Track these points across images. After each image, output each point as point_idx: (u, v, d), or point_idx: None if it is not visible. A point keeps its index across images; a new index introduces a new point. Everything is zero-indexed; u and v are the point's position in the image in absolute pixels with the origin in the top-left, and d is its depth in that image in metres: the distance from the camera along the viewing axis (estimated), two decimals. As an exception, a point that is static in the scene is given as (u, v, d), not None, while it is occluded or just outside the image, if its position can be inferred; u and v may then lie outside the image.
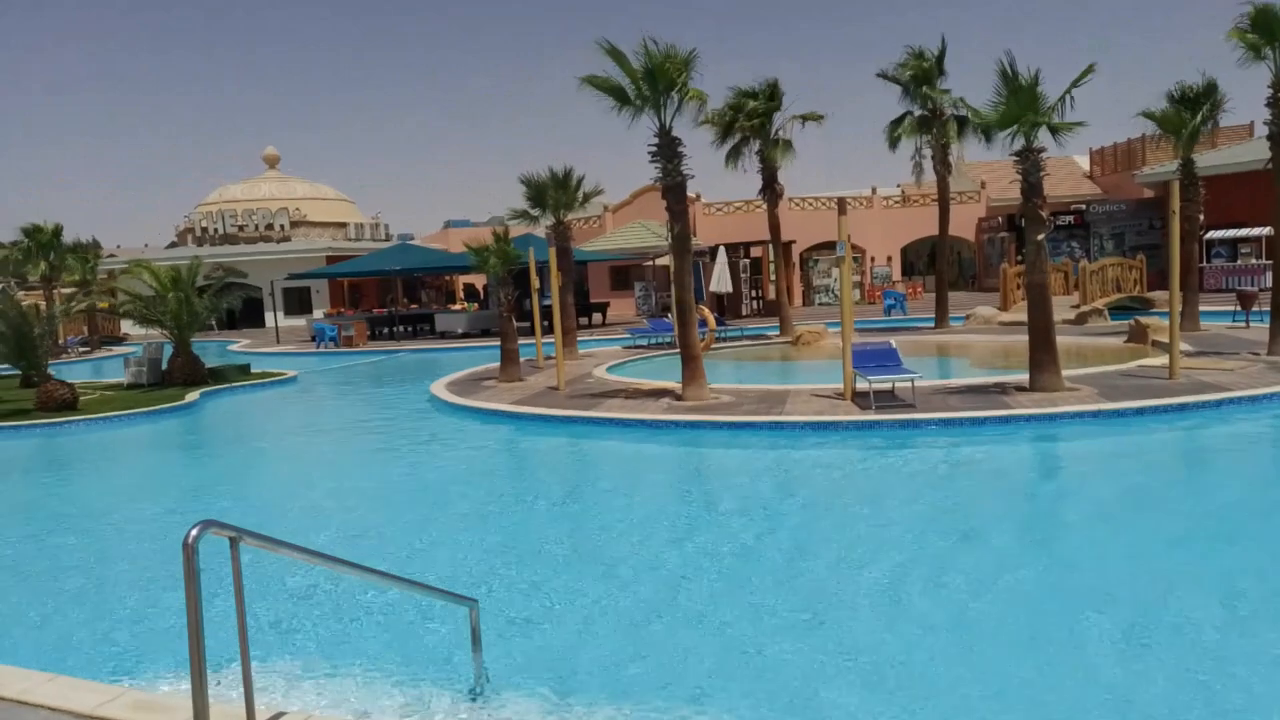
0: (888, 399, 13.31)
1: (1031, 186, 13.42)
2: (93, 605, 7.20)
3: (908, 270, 46.27)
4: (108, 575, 8.06)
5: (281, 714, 4.31)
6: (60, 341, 33.43)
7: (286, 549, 4.21)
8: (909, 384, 13.40)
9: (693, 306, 14.46)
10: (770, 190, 25.82)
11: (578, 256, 30.93)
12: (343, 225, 52.07)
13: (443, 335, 34.99)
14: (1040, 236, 13.49)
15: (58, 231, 34.58)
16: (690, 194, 44.25)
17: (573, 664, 5.71)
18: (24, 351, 18.40)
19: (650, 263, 37.59)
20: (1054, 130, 13.22)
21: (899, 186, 47.82)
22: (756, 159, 25.43)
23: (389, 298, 45.75)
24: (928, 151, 25.39)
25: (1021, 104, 12.90)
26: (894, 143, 25.22)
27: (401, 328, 36.08)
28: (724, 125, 24.40)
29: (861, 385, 13.61)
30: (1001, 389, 13.77)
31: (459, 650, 5.69)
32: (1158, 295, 26.34)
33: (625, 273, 43.44)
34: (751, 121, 24.22)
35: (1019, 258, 33.56)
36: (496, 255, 18.24)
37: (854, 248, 37.96)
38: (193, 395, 19.02)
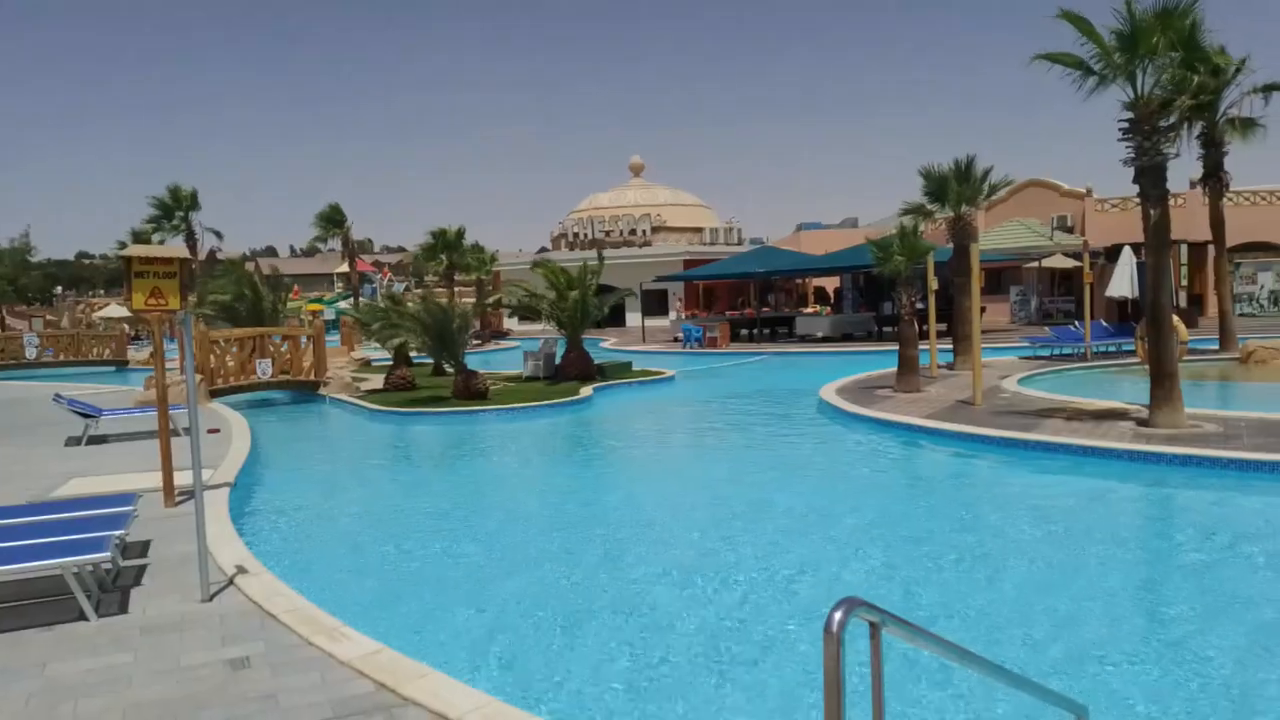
0: None
1: None
2: (521, 623, 6.76)
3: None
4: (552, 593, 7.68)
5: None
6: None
7: (926, 641, 3.06)
8: None
9: (1169, 313, 11.95)
10: (1215, 180, 21.74)
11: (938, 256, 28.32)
12: (699, 230, 53.09)
13: (802, 339, 34.08)
14: None
15: (460, 233, 38.30)
16: (1080, 188, 39.67)
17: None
18: (444, 343, 19.85)
19: (1035, 264, 33.92)
20: None
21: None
22: (1197, 143, 21.51)
23: (740, 300, 45.74)
24: None
25: None
26: None
27: (761, 330, 35.64)
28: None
29: None
30: None
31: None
32: None
33: (996, 276, 39.79)
34: (1196, 99, 20.25)
35: None
36: (901, 250, 16.66)
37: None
38: (586, 390, 19.51)
